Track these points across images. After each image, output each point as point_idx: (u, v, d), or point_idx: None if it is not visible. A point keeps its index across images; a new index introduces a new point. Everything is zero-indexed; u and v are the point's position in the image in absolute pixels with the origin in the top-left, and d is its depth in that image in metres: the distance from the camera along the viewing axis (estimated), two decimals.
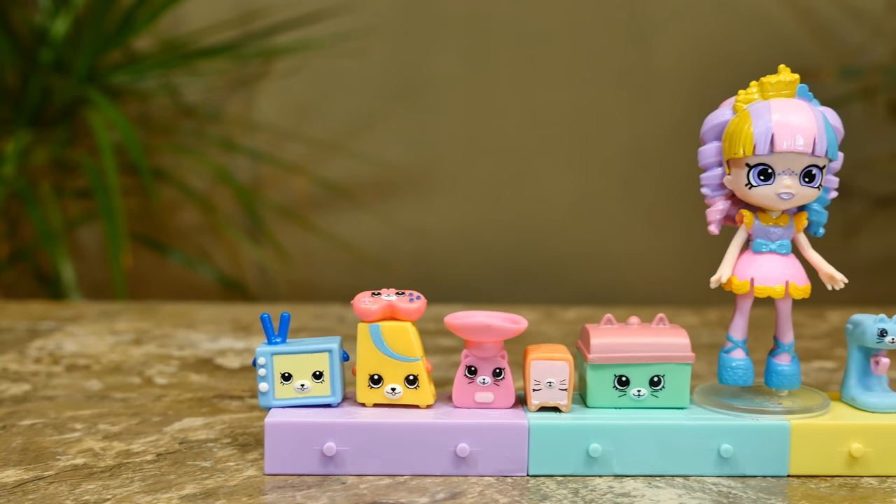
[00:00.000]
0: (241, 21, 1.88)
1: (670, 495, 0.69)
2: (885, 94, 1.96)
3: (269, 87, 1.96)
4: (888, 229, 2.00)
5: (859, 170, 1.95)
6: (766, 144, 0.72)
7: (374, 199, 1.98)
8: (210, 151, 1.89)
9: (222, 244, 1.98)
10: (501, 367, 0.76)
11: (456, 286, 1.96)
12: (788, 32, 1.94)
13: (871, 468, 0.74)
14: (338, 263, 1.96)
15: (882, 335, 0.75)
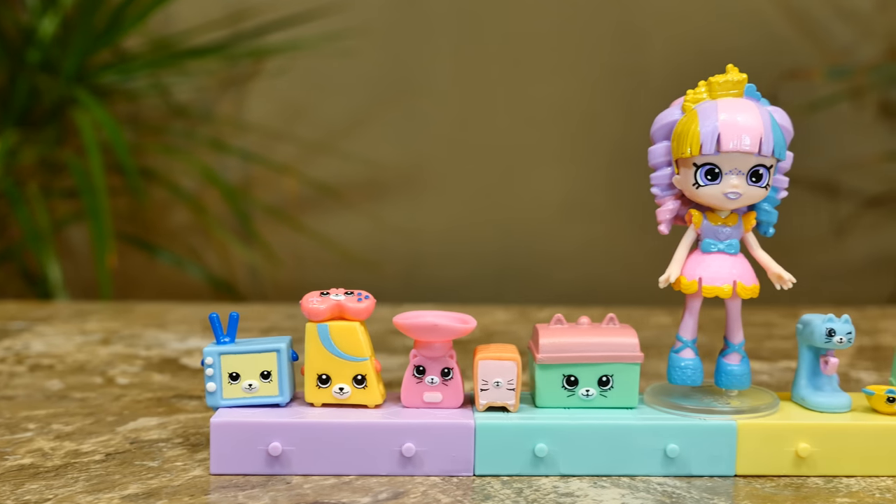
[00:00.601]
0: (231, 20, 1.88)
1: (613, 495, 0.69)
2: (875, 94, 1.96)
3: (260, 88, 1.96)
4: (878, 229, 2.00)
5: (849, 170, 1.95)
6: (713, 144, 0.72)
7: (363, 199, 1.98)
8: (200, 151, 1.90)
9: (213, 244, 1.98)
10: (450, 367, 0.76)
11: (445, 286, 1.96)
12: (779, 32, 1.93)
13: (819, 468, 0.73)
14: (328, 263, 1.96)
15: (830, 335, 0.75)
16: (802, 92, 1.91)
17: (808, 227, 1.98)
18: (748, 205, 0.76)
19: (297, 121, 1.96)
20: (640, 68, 1.94)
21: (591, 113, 1.96)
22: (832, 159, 1.95)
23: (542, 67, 1.94)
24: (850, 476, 0.73)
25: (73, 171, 1.70)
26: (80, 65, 1.81)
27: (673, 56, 1.93)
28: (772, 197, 0.77)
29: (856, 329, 0.77)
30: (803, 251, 1.99)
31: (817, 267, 1.99)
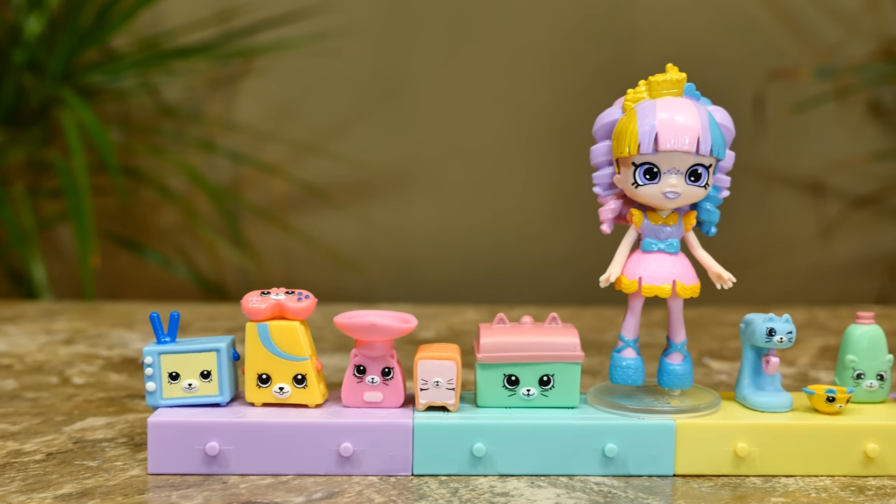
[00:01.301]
0: (219, 18, 1.88)
1: (549, 495, 0.69)
2: (864, 94, 1.95)
3: (249, 88, 1.95)
4: (865, 229, 2.00)
5: (836, 170, 1.95)
6: (650, 143, 0.72)
7: (353, 199, 1.98)
8: (189, 152, 1.89)
9: (202, 244, 1.98)
10: (391, 367, 0.76)
11: (435, 287, 1.96)
12: (768, 32, 1.93)
13: (758, 468, 0.73)
14: (317, 264, 1.96)
15: (771, 334, 0.75)
16: (791, 92, 1.91)
17: (796, 227, 1.98)
18: (688, 204, 0.75)
19: (287, 121, 1.96)
20: (631, 70, 1.93)
21: (581, 114, 1.94)
22: (820, 159, 1.95)
23: (531, 68, 1.94)
24: (790, 476, 0.73)
25: (59, 171, 1.70)
26: (67, 64, 1.81)
27: (664, 58, 1.93)
28: (714, 196, 0.77)
29: (828, 328, 0.77)
30: (790, 251, 1.99)
31: (804, 267, 1.99)
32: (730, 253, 1.93)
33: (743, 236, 1.96)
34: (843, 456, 0.73)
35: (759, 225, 1.97)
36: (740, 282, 2.12)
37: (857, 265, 2.02)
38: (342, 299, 1.75)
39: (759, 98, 1.90)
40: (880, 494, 0.70)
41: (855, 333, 0.79)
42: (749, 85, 1.92)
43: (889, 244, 2.00)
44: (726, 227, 1.93)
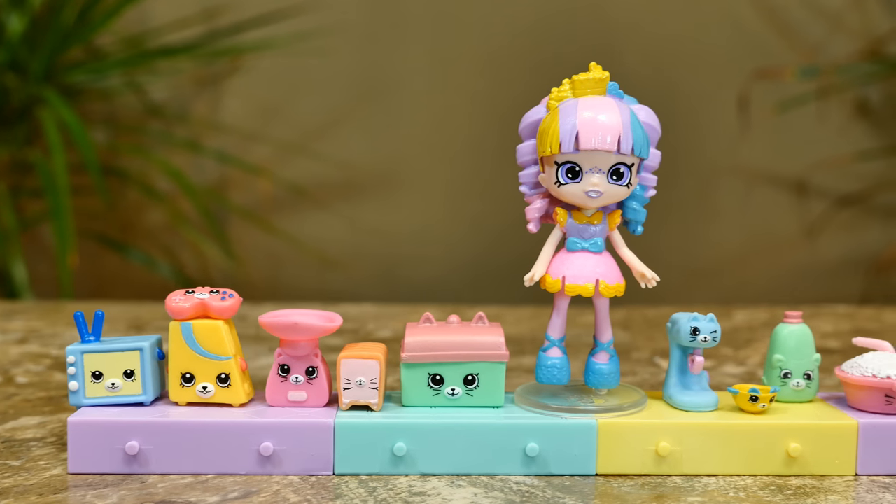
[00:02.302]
0: (205, 16, 1.87)
1: (466, 494, 0.69)
2: (849, 93, 1.95)
3: (236, 87, 1.95)
4: (850, 229, 2.00)
5: (821, 169, 1.94)
6: (571, 142, 0.72)
7: (339, 199, 1.97)
8: (175, 152, 1.89)
9: (188, 244, 1.97)
10: (315, 366, 0.75)
11: (421, 286, 1.95)
12: (755, 32, 1.93)
13: (680, 467, 0.73)
14: (304, 264, 1.96)
15: (695, 333, 0.75)
16: (777, 91, 1.90)
17: (780, 226, 1.98)
18: (612, 203, 0.75)
19: (273, 121, 1.96)
20: (616, 69, 1.93)
21: None
22: (804, 159, 1.95)
23: (515, 68, 1.93)
24: (713, 475, 0.73)
25: (40, 170, 1.70)
26: (50, 64, 1.80)
27: (649, 58, 1.93)
28: (640, 196, 0.77)
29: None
30: (775, 251, 1.98)
31: (788, 266, 1.99)
32: (714, 252, 1.95)
33: (727, 236, 1.96)
34: (765, 455, 0.73)
35: (743, 224, 1.97)
36: (724, 281, 2.14)
37: (841, 265, 2.01)
38: (327, 299, 1.75)
39: (744, 97, 1.90)
40: (798, 494, 0.70)
41: (783, 333, 0.79)
42: (735, 84, 1.92)
43: (873, 244, 1.99)
44: (711, 226, 1.96)
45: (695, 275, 1.93)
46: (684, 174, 1.93)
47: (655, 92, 1.97)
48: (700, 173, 1.94)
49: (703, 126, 1.94)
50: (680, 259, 1.93)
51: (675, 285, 1.92)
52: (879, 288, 1.99)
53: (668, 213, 1.92)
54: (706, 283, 1.94)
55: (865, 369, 0.75)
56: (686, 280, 1.93)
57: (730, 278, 1.96)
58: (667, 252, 1.92)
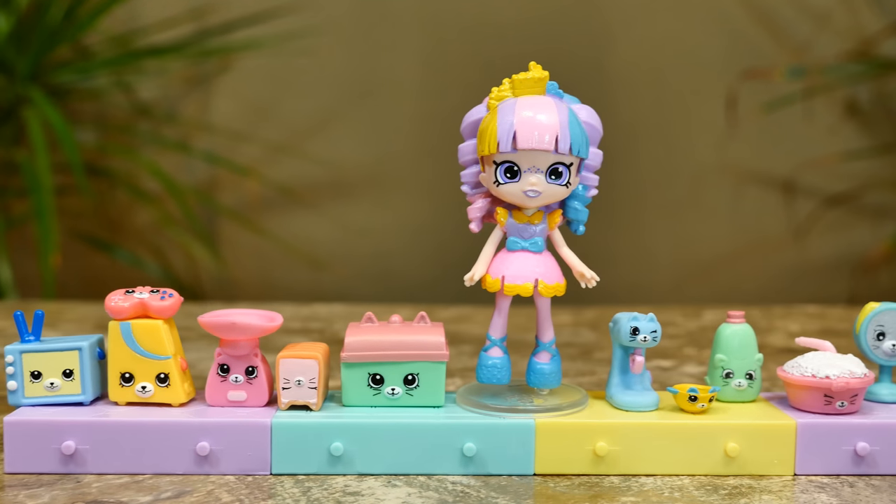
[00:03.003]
0: (193, 15, 1.87)
1: (399, 494, 0.69)
2: (838, 93, 1.95)
3: (225, 87, 1.95)
4: (839, 229, 1.99)
5: (809, 169, 1.94)
6: (509, 142, 0.72)
7: (328, 199, 1.97)
8: (164, 152, 1.89)
9: (176, 245, 1.97)
10: (254, 366, 0.75)
11: (411, 286, 1.95)
12: (745, 32, 1.93)
13: (619, 467, 0.73)
14: (294, 263, 1.96)
15: (635, 333, 0.75)
16: (768, 91, 1.90)
17: (769, 226, 1.98)
18: (552, 203, 0.75)
19: (262, 121, 1.95)
20: (607, 69, 1.94)
21: None
22: (792, 158, 1.95)
23: (506, 67, 1.92)
24: (651, 475, 0.73)
25: (24, 170, 1.70)
26: (36, 63, 1.80)
27: (640, 56, 1.93)
28: (581, 195, 0.77)
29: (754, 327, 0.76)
30: (764, 250, 1.98)
31: (777, 266, 1.99)
32: (703, 252, 1.95)
33: (716, 235, 1.95)
34: (703, 455, 0.73)
35: (732, 224, 1.96)
36: (712, 281, 2.13)
37: (829, 264, 2.01)
38: (317, 299, 1.75)
39: (732, 97, 1.90)
40: (734, 494, 0.69)
41: (725, 332, 0.79)
42: (724, 84, 1.92)
43: (862, 243, 1.99)
44: (700, 226, 1.95)
45: (683, 274, 1.93)
46: (674, 174, 1.93)
47: (647, 91, 1.99)
48: (690, 173, 1.94)
49: (693, 126, 1.94)
50: (668, 258, 1.92)
51: (664, 284, 1.92)
52: (867, 288, 1.99)
53: (656, 213, 1.92)
54: (694, 283, 1.94)
55: (805, 369, 0.75)
56: (674, 279, 1.92)
57: (718, 278, 1.96)
58: (655, 251, 1.92)
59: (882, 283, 2.00)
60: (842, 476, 0.73)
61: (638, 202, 1.92)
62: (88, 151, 1.88)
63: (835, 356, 0.75)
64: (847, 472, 0.74)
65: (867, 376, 0.75)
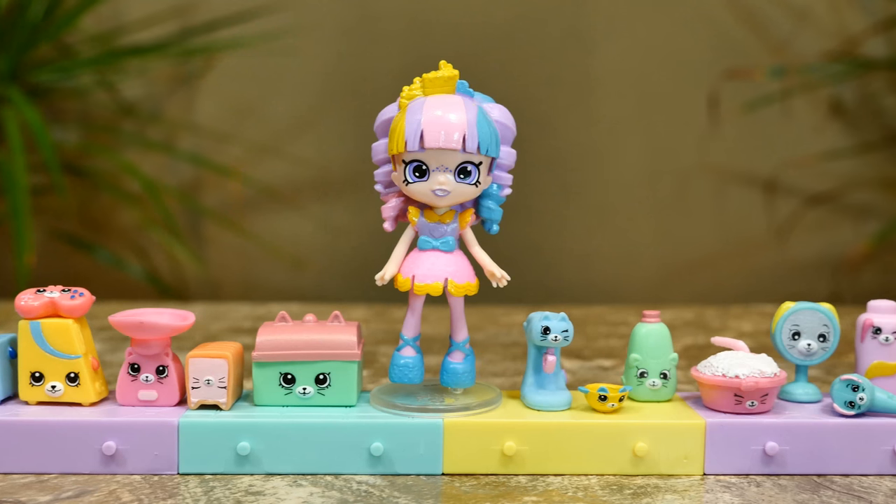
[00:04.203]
0: (176, 12, 1.86)
1: (301, 494, 0.69)
2: (822, 92, 1.95)
3: (209, 87, 1.94)
4: (821, 228, 1.99)
5: (792, 168, 1.94)
6: (416, 141, 0.72)
7: (312, 199, 1.96)
8: (147, 153, 1.88)
9: (160, 245, 1.96)
10: (165, 365, 0.75)
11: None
12: (729, 32, 1.92)
13: (527, 467, 0.73)
14: (277, 264, 1.95)
15: (546, 332, 0.75)
16: (750, 90, 1.89)
17: (753, 225, 1.97)
18: (462, 202, 0.75)
19: (245, 121, 1.95)
20: (591, 69, 1.93)
21: (542, 114, 1.94)
22: (776, 158, 1.95)
23: (492, 68, 1.92)
24: (559, 475, 0.73)
25: (2, 170, 1.69)
26: (16, 62, 1.79)
27: (624, 57, 1.92)
28: (495, 194, 0.77)
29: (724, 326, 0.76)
30: (747, 250, 1.98)
31: (760, 266, 1.98)
32: (686, 251, 1.95)
33: (700, 235, 1.95)
34: (613, 455, 0.73)
35: (716, 223, 1.96)
36: (695, 281, 2.12)
37: (812, 263, 2.01)
38: (300, 299, 1.74)
39: (714, 97, 1.90)
40: (638, 494, 0.69)
41: (640, 332, 0.79)
42: (708, 83, 1.92)
43: (845, 243, 1.98)
44: (683, 226, 1.95)
45: (666, 273, 1.93)
46: (657, 174, 1.93)
47: (630, 92, 1.99)
48: (673, 173, 1.93)
49: (677, 126, 1.93)
50: (651, 257, 1.92)
51: (646, 284, 1.92)
52: (849, 287, 1.98)
53: (639, 212, 1.92)
54: (677, 282, 1.93)
55: (716, 369, 0.75)
56: (657, 279, 1.92)
57: (700, 277, 1.95)
58: (638, 250, 1.92)
59: (864, 282, 2.00)
60: (751, 476, 0.73)
61: (621, 202, 1.92)
62: (71, 151, 1.88)
63: (747, 356, 0.75)
64: (757, 471, 0.73)
65: (777, 376, 0.74)
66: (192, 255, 1.87)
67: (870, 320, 0.78)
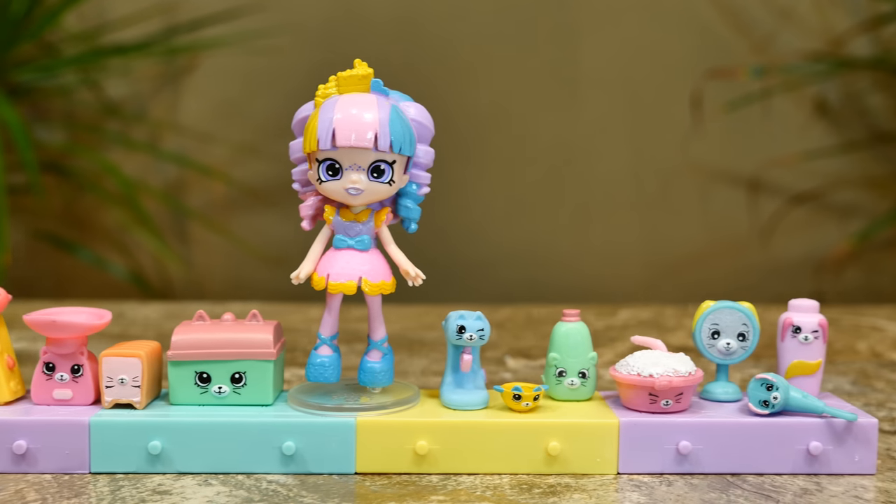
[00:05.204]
0: (160, 10, 1.86)
1: (208, 493, 0.68)
2: (807, 91, 1.94)
3: (194, 87, 1.94)
4: (805, 227, 1.99)
5: (777, 167, 1.94)
6: (328, 139, 0.72)
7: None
8: (131, 154, 1.88)
9: (143, 245, 1.96)
10: (80, 364, 0.75)
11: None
12: (716, 31, 1.92)
13: (440, 466, 0.73)
14: (262, 263, 1.95)
15: (461, 331, 0.74)
16: (736, 89, 1.89)
17: (737, 224, 1.97)
18: (377, 201, 0.75)
19: (229, 121, 1.94)
20: (577, 67, 1.93)
21: (528, 113, 1.94)
22: (759, 157, 1.94)
23: (478, 67, 1.92)
24: (472, 474, 0.73)
25: None
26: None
27: (610, 55, 1.92)
28: (412, 193, 0.77)
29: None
30: (729, 249, 1.98)
31: (742, 264, 1.98)
32: (671, 250, 1.94)
33: (684, 234, 1.95)
34: (526, 454, 0.73)
35: (701, 222, 1.96)
36: (680, 280, 2.12)
37: (796, 262, 2.01)
38: (284, 299, 1.74)
39: (698, 97, 1.90)
40: (546, 493, 0.69)
41: (559, 331, 0.78)
42: (692, 82, 1.91)
43: (830, 243, 1.98)
44: (668, 225, 1.95)
45: (651, 272, 1.93)
46: (642, 173, 1.92)
47: (617, 90, 1.98)
48: (658, 172, 1.93)
49: (661, 125, 1.93)
50: (635, 257, 1.92)
51: (631, 283, 1.92)
52: (832, 286, 1.98)
53: (624, 211, 1.92)
54: (662, 281, 1.93)
55: (632, 368, 0.75)
56: (642, 278, 1.92)
57: (685, 276, 1.95)
58: (622, 249, 1.92)
59: (847, 281, 2.00)
60: (665, 475, 0.73)
61: (605, 201, 1.92)
62: (55, 151, 1.88)
63: (663, 355, 0.75)
64: (671, 470, 0.73)
65: (692, 375, 0.74)
66: (173, 255, 1.87)
67: (789, 319, 0.78)
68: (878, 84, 1.97)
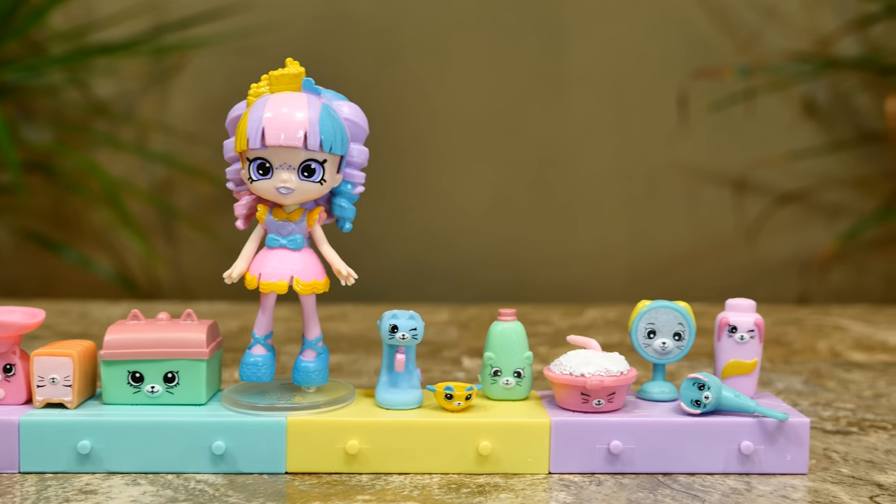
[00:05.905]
0: (147, 8, 1.86)
1: (133, 493, 0.68)
2: (795, 91, 1.94)
3: (181, 86, 1.93)
4: (792, 227, 1.99)
5: (762, 167, 1.94)
6: (258, 138, 0.71)
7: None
8: (118, 153, 1.88)
9: (129, 245, 1.96)
10: (12, 364, 0.75)
11: (366, 285, 1.93)
12: (703, 31, 1.92)
13: (371, 465, 0.73)
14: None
15: (394, 331, 0.74)
16: (723, 88, 1.89)
17: (724, 224, 1.97)
18: (309, 200, 0.75)
19: (217, 121, 1.93)
20: (564, 68, 1.93)
21: (516, 113, 1.93)
22: (746, 156, 1.94)
23: (465, 68, 1.92)
24: (403, 473, 0.73)
25: None
26: None
27: (597, 56, 1.92)
28: (346, 192, 0.77)
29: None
30: (716, 248, 1.98)
31: (729, 264, 1.98)
32: (658, 250, 1.94)
33: (671, 233, 1.95)
34: (457, 454, 0.73)
35: (687, 222, 1.96)
36: (667, 279, 2.12)
37: (783, 262, 2.01)
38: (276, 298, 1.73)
39: (684, 96, 1.90)
40: (474, 492, 0.69)
41: (495, 331, 0.78)
42: (678, 82, 1.91)
43: (815, 241, 1.98)
44: (655, 224, 1.95)
45: (637, 272, 1.93)
46: (629, 173, 1.92)
47: (603, 91, 1.98)
48: (645, 172, 1.93)
49: (648, 125, 1.93)
50: (623, 256, 1.92)
51: (618, 282, 1.92)
52: (818, 286, 1.98)
53: (612, 211, 1.92)
54: (649, 281, 1.93)
55: (565, 367, 0.75)
56: (629, 277, 1.92)
57: (672, 275, 1.95)
58: (610, 249, 1.91)
59: (833, 281, 2.00)
60: (596, 475, 0.73)
61: (592, 201, 1.92)
62: (42, 150, 1.88)
63: (596, 354, 0.75)
64: (602, 470, 0.73)
65: (624, 374, 0.74)
66: (156, 256, 1.87)
67: (725, 318, 0.78)
68: (865, 84, 1.97)
